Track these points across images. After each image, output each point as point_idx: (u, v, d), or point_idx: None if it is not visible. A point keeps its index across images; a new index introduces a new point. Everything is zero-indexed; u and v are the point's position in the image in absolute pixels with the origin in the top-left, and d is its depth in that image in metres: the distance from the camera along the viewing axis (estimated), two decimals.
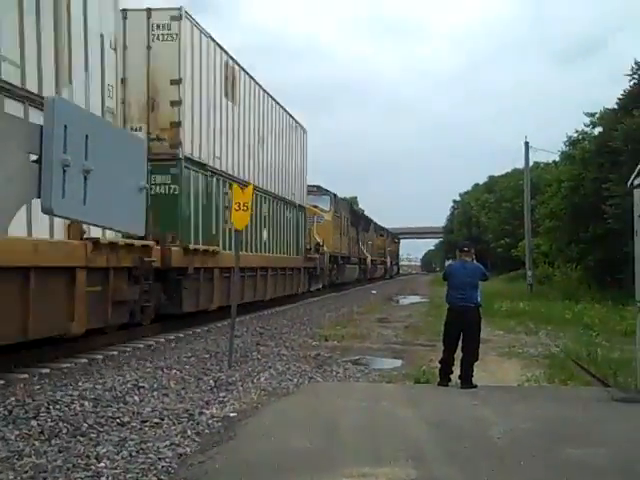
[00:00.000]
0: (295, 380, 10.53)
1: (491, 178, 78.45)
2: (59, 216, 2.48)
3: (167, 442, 6.72)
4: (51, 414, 7.80)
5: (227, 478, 5.74)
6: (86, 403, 8.39)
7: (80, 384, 9.62)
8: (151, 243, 14.16)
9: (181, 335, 15.96)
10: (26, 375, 10.24)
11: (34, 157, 2.31)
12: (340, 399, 8.98)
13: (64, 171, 2.28)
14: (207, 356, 12.63)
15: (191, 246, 16.32)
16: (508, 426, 7.48)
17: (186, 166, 16.37)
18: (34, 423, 7.40)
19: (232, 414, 8.05)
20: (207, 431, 7.26)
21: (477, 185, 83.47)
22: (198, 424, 7.50)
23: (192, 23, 16.68)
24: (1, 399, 8.51)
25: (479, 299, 10.07)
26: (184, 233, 16.29)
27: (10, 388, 9.28)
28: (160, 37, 15.96)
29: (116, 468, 5.89)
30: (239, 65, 20.50)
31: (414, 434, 7.25)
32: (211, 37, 18.05)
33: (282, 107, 26.11)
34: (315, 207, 35.21)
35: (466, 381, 9.79)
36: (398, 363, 12.94)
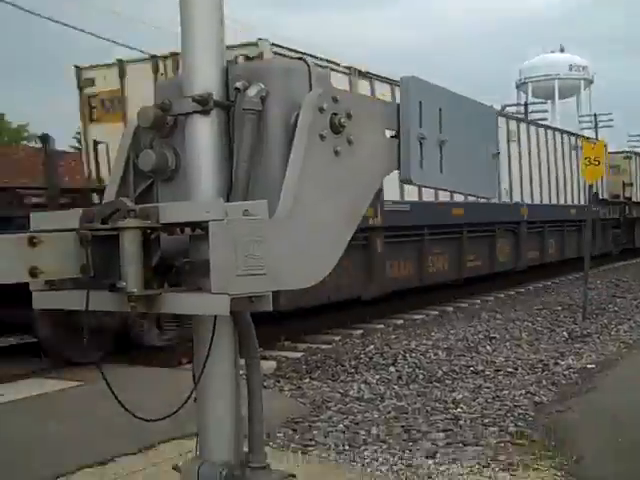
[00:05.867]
0: None
1: None
2: (417, 185, 2.61)
3: (522, 390, 6.63)
4: (407, 361, 8.12)
5: (589, 429, 5.46)
6: (439, 352, 8.60)
7: (433, 334, 9.89)
8: None
9: (530, 288, 15.67)
10: (382, 325, 10.81)
11: (391, 133, 2.45)
12: None
13: (420, 144, 2.42)
14: (559, 308, 12.22)
15: None
16: None
17: None
18: (392, 369, 7.77)
19: (590, 365, 7.69)
20: (563, 381, 7.01)
21: None
22: (553, 374, 7.29)
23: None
24: (362, 347, 9.07)
25: None
26: None
27: (369, 337, 9.86)
28: None
29: (473, 413, 5.93)
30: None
31: None
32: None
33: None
34: None
35: None
36: None
